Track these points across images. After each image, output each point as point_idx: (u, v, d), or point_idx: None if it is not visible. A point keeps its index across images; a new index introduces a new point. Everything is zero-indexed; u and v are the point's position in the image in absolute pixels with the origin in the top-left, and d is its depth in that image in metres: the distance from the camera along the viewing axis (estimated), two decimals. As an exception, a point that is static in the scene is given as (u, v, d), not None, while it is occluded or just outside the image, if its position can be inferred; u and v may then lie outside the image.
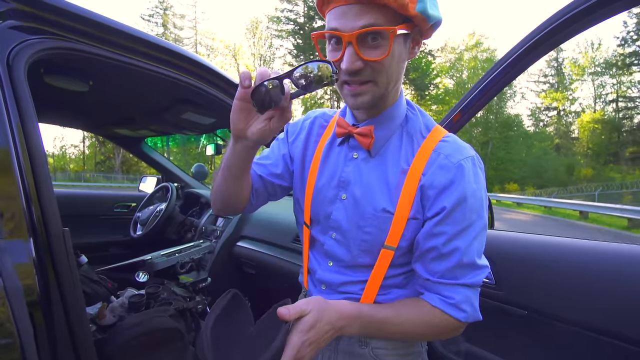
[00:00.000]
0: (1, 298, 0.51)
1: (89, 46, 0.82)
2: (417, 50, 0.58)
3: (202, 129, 1.86)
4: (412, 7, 0.49)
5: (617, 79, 33.83)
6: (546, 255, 0.82)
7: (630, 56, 31.65)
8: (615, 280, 0.68)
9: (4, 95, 0.66)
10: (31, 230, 0.61)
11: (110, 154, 34.13)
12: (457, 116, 1.02)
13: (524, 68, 0.88)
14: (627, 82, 33.35)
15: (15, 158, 0.63)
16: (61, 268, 0.66)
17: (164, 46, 0.98)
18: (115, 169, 34.03)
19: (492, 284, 0.89)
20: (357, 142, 0.62)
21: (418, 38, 0.56)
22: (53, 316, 0.63)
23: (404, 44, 0.54)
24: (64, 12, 0.78)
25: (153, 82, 1.13)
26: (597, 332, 0.69)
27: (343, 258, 0.64)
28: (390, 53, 0.50)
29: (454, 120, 1.03)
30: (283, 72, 0.51)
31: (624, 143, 32.73)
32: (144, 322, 0.87)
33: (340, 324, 0.53)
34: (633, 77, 32.74)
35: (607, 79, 34.88)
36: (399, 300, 0.61)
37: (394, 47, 0.51)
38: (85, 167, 35.39)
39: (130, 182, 31.11)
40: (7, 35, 0.70)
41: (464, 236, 0.54)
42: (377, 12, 0.48)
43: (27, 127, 0.67)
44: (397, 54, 0.53)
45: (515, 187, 27.39)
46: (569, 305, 0.74)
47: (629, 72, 32.42)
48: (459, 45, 36.03)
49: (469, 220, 0.54)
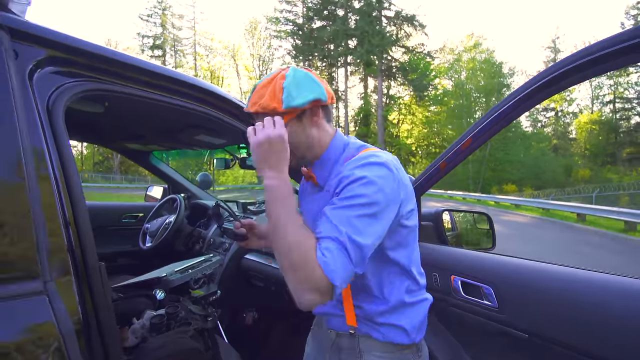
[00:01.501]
0: (57, 339, 0.57)
1: (119, 85, 0.88)
2: (318, 118, 0.77)
3: (212, 147, 1.92)
4: (279, 106, 0.71)
5: (614, 80, 34.01)
6: (547, 283, 0.87)
7: (627, 58, 31.77)
8: (611, 312, 0.74)
9: (45, 138, 0.71)
10: (75, 269, 0.66)
11: (109, 155, 34.05)
12: (467, 142, 1.06)
13: (533, 105, 0.94)
14: (624, 83, 33.56)
15: (58, 199, 0.68)
16: (99, 299, 0.71)
17: (182, 79, 1.04)
18: (114, 169, 33.95)
19: (495, 308, 0.95)
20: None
21: (310, 113, 0.76)
22: (92, 346, 0.68)
23: (298, 123, 0.75)
24: (97, 56, 0.83)
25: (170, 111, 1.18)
26: (592, 358, 0.75)
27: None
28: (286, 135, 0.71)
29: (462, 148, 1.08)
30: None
31: (621, 144, 32.94)
32: (169, 344, 0.93)
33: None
34: (630, 78, 32.98)
35: (604, 80, 35.07)
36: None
37: (288, 130, 0.71)
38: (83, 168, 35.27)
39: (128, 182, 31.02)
40: (47, 80, 0.75)
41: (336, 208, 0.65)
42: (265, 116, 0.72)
43: (67, 167, 0.72)
44: (294, 132, 0.74)
45: (514, 188, 27.48)
46: (567, 331, 0.80)
47: (626, 73, 32.62)
48: (458, 46, 36.15)
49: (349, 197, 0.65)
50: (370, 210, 0.63)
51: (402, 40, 32.46)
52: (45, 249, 0.62)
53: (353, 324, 0.78)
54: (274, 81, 0.72)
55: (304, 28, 34.79)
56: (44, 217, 0.63)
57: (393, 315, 0.76)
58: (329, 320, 0.84)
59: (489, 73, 32.63)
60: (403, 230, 0.74)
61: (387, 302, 0.75)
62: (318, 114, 0.77)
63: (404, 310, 0.77)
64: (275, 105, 0.71)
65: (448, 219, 1.54)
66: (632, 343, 0.70)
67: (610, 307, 0.74)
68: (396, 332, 0.76)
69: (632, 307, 0.72)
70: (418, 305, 0.79)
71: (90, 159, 36.71)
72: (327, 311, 0.82)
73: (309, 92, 0.73)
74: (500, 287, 0.95)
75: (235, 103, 1.18)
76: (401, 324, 0.76)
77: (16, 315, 0.56)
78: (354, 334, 0.78)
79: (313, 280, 0.58)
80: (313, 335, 0.95)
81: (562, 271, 0.87)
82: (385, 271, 0.76)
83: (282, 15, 35.39)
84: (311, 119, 0.76)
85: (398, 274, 0.77)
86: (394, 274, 0.77)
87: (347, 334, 0.79)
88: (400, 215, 0.71)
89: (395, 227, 0.71)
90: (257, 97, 0.73)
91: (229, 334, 1.67)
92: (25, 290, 0.57)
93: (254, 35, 39.56)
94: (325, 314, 0.84)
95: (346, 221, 0.62)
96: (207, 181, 2.56)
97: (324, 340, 0.86)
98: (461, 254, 1.15)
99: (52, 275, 0.61)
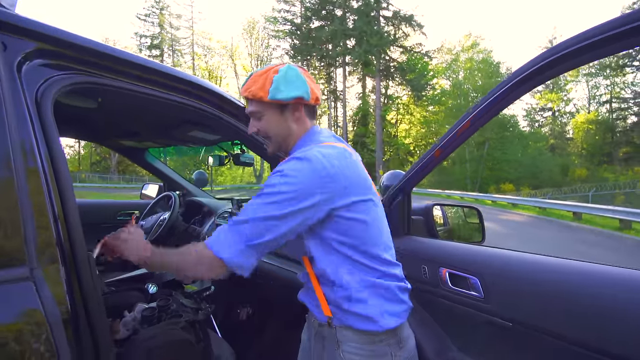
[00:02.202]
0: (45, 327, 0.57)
1: (109, 79, 0.89)
2: (299, 113, 0.85)
3: (206, 143, 1.92)
4: (265, 96, 0.80)
5: (610, 80, 34.14)
6: (530, 273, 0.89)
7: (623, 57, 32.01)
8: (591, 298, 0.76)
9: (34, 131, 0.72)
10: (62, 257, 0.67)
11: (106, 155, 33.92)
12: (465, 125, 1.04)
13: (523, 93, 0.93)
14: (620, 83, 33.68)
15: (46, 189, 0.69)
16: (87, 289, 0.72)
17: (173, 74, 1.05)
18: (111, 169, 33.84)
19: (481, 298, 0.97)
20: None
21: (292, 108, 0.84)
22: (81, 335, 0.69)
23: (280, 114, 0.84)
24: (86, 49, 0.84)
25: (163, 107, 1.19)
26: (573, 344, 0.77)
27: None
28: (267, 123, 0.85)
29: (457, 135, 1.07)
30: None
31: (617, 143, 33.08)
32: (159, 335, 0.94)
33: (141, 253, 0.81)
34: (626, 78, 33.12)
35: (601, 80, 35.20)
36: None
37: (270, 118, 0.84)
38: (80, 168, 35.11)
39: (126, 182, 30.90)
40: (36, 73, 0.76)
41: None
42: (254, 103, 0.84)
43: (56, 161, 0.73)
44: (275, 121, 0.84)
45: (511, 188, 27.58)
46: (549, 319, 0.82)
47: (623, 73, 32.75)
48: (455, 46, 36.24)
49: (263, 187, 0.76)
50: (272, 198, 0.72)
51: (400, 40, 32.47)
52: (33, 238, 0.62)
53: (328, 314, 0.81)
54: (268, 73, 0.81)
55: (302, 28, 34.75)
56: (31, 207, 0.64)
57: (355, 303, 0.77)
58: (312, 310, 0.87)
59: (486, 73, 32.70)
60: (343, 222, 0.77)
61: (345, 288, 0.78)
62: (300, 110, 0.85)
63: (366, 297, 0.78)
64: (262, 95, 0.80)
65: (440, 215, 1.56)
66: (612, 327, 0.71)
67: (590, 294, 0.76)
68: (362, 319, 0.77)
69: (607, 294, 0.73)
70: (381, 291, 0.80)
71: (87, 158, 36.55)
72: (304, 301, 0.88)
73: (294, 89, 0.81)
74: (486, 278, 0.96)
75: (228, 98, 1.19)
76: (366, 312, 0.77)
77: (1, 300, 0.57)
78: (331, 325, 0.81)
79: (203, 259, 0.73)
80: (307, 323, 0.98)
81: (545, 261, 0.89)
82: (335, 260, 0.79)
83: (280, 15, 35.37)
84: (292, 114, 0.85)
85: (350, 262, 0.79)
86: (347, 262, 0.79)
87: (326, 324, 0.82)
88: (334, 207, 0.75)
89: (330, 217, 0.76)
90: (251, 83, 0.82)
91: (223, 328, 1.68)
92: (11, 276, 0.58)
93: (252, 35, 39.56)
94: (305, 303, 0.88)
95: (249, 206, 0.73)
96: (202, 179, 2.57)
97: (311, 329, 0.90)
98: (450, 247, 1.16)
99: (39, 262, 0.62)
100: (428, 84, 33.43)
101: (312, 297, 0.84)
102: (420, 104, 34.92)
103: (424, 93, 33.36)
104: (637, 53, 30.70)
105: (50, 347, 0.60)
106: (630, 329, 0.68)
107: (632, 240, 7.79)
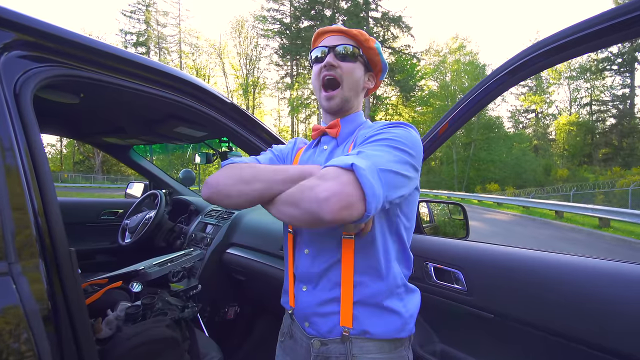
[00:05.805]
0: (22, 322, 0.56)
1: (89, 72, 0.87)
2: (370, 84, 0.83)
3: (192, 140, 1.90)
4: (372, 43, 0.78)
5: (591, 84, 35.34)
6: (512, 265, 0.92)
7: (602, 62, 33.17)
8: (569, 288, 0.79)
9: (13, 124, 0.70)
10: (42, 253, 0.66)
11: (90, 154, 33.06)
12: (443, 128, 1.10)
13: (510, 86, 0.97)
14: (600, 86, 34.90)
15: (25, 184, 0.67)
16: (69, 286, 0.70)
17: (160, 69, 1.03)
18: (95, 169, 32.98)
19: (464, 291, 0.99)
20: (328, 137, 0.81)
21: (371, 78, 0.83)
22: (62, 332, 0.68)
23: (363, 70, 0.80)
24: (66, 41, 0.82)
25: (147, 101, 1.17)
26: (551, 333, 0.80)
27: (316, 247, 0.73)
28: (353, 65, 0.77)
29: (439, 133, 1.11)
30: None
31: (597, 145, 34.26)
32: (143, 333, 0.92)
33: None
34: (605, 81, 34.32)
35: (581, 83, 36.42)
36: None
37: (355, 64, 0.78)
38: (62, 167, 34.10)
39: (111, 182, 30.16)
40: (14, 64, 0.74)
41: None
42: (349, 40, 0.78)
43: (35, 155, 0.71)
44: (357, 71, 0.78)
45: (496, 187, 28.18)
46: (530, 310, 0.84)
47: (602, 77, 33.98)
48: (443, 48, 36.81)
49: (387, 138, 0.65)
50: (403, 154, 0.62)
51: (388, 41, 32.78)
52: (11, 233, 0.61)
53: (347, 324, 0.69)
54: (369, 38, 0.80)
55: (292, 27, 34.67)
56: (10, 202, 0.62)
57: (392, 299, 0.71)
58: (312, 325, 0.73)
59: (472, 75, 33.32)
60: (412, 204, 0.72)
61: (393, 278, 0.71)
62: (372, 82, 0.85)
63: (404, 294, 0.73)
64: (369, 45, 0.78)
65: (426, 212, 1.59)
66: (590, 316, 0.74)
67: (567, 284, 0.79)
68: (394, 318, 0.70)
69: (584, 283, 0.76)
70: (413, 292, 0.77)
71: (70, 158, 35.52)
72: (318, 311, 0.72)
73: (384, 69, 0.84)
74: (470, 272, 0.99)
75: (213, 92, 1.18)
76: (399, 308, 0.71)
77: None
78: (347, 336, 0.69)
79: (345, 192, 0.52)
80: (284, 348, 0.83)
81: (525, 254, 0.92)
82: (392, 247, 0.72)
83: (270, 14, 35.21)
84: (367, 81, 0.83)
85: (402, 251, 0.74)
86: (400, 251, 0.73)
87: (337, 339, 0.70)
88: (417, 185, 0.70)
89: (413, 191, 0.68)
90: (360, 32, 0.78)
91: (210, 327, 1.66)
92: None
93: (240, 34, 39.20)
94: (315, 314, 0.72)
95: (380, 150, 0.60)
96: (190, 177, 2.53)
97: (299, 353, 0.76)
98: (435, 242, 1.19)
99: (18, 257, 0.60)
100: (416, 85, 33.87)
101: (327, 307, 0.71)
102: (409, 105, 35.34)
103: (412, 94, 33.78)
104: (615, 57, 31.85)
105: (29, 344, 0.58)
106: (607, 316, 0.71)
107: (610, 238, 8.08)
